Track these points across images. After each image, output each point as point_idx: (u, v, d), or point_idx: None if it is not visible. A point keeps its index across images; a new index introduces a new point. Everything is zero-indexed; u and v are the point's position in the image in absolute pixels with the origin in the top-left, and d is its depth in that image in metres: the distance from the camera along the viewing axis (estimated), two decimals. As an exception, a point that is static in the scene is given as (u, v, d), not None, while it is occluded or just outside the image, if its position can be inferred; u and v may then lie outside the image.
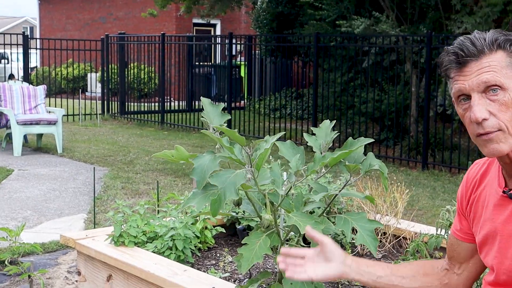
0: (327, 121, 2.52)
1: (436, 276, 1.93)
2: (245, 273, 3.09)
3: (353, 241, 3.40)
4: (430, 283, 1.91)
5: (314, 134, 2.51)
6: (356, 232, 2.26)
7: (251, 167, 2.28)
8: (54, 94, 15.03)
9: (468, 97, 1.63)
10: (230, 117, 7.14)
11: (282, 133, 2.37)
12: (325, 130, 2.49)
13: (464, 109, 1.65)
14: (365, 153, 2.40)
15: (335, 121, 2.55)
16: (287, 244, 2.52)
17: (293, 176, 2.37)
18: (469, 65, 1.62)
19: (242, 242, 2.29)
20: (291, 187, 2.35)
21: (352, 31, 10.15)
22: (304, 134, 2.53)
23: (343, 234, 3.52)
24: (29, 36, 13.44)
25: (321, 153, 2.40)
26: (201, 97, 2.52)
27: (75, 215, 5.93)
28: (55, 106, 13.23)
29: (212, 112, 2.44)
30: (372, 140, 2.40)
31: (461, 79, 1.63)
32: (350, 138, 2.40)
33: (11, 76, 17.44)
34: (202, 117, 2.42)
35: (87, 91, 18.38)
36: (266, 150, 2.26)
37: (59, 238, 3.93)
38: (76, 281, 4.06)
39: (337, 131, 2.50)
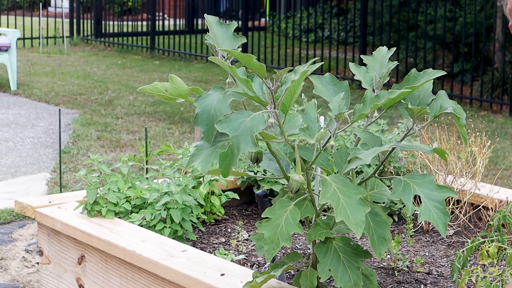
0: (383, 48, 2.47)
1: None
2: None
3: (416, 212, 3.39)
4: None
5: (364, 65, 2.47)
6: (419, 201, 2.24)
7: (274, 108, 2.25)
8: (6, 10, 15.01)
9: None
10: (246, 41, 7.05)
11: (319, 63, 2.33)
12: (380, 60, 2.45)
13: None
14: (433, 91, 2.36)
15: (394, 48, 2.51)
16: (324, 215, 2.50)
17: (334, 122, 2.35)
18: None
19: (263, 215, 2.28)
20: (330, 137, 2.33)
21: None
22: (350, 64, 2.50)
23: (402, 203, 3.49)
24: None
25: (373, 91, 2.37)
26: (205, 15, 2.49)
27: (35, 175, 5.97)
28: (8, 27, 13.21)
29: (221, 34, 2.41)
30: (443, 72, 2.37)
31: None
32: (414, 69, 2.36)
33: None
34: (207, 40, 2.39)
35: (50, 6, 18.33)
36: (295, 84, 2.23)
37: (13, 205, 3.96)
38: (37, 263, 4.09)
39: (395, 61, 2.46)
